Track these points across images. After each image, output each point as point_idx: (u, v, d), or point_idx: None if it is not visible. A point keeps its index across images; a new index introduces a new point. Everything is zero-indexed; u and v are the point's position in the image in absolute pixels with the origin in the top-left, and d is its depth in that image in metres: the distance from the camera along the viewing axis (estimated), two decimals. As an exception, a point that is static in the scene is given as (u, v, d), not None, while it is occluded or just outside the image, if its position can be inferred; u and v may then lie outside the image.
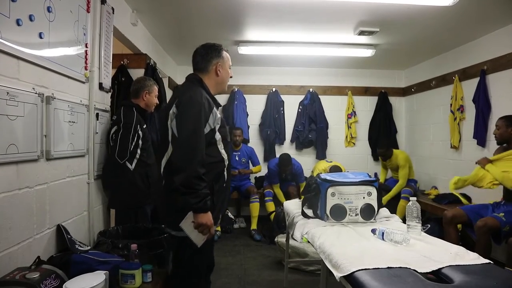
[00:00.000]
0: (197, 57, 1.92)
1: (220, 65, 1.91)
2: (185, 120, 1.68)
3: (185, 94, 1.75)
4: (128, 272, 1.76)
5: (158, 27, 3.73)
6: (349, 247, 1.66)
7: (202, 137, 1.69)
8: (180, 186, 1.60)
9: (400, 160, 4.50)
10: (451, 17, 3.30)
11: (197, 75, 1.89)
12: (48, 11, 1.82)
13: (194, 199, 1.61)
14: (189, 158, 1.63)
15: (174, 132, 1.71)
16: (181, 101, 1.73)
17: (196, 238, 1.70)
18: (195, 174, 1.62)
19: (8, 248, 1.56)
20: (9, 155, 1.55)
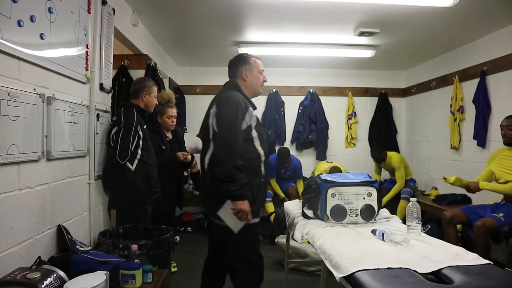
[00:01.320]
0: (230, 66, 2.20)
1: (247, 71, 2.14)
2: (223, 117, 1.90)
3: (223, 95, 1.99)
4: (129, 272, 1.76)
5: (159, 28, 3.74)
6: (349, 248, 1.67)
7: (240, 132, 1.89)
8: (221, 176, 1.81)
9: (394, 162, 4.50)
10: (451, 18, 3.30)
11: (233, 80, 2.15)
12: (49, 12, 1.82)
13: (234, 187, 1.81)
14: (229, 150, 1.83)
15: (214, 129, 1.90)
16: (219, 101, 1.96)
17: (234, 224, 1.87)
18: (234, 165, 1.82)
19: (9, 248, 1.56)
20: (10, 155, 1.55)
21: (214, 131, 1.90)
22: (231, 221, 1.87)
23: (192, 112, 5.47)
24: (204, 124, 2.07)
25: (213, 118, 1.93)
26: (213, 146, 1.91)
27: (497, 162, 3.03)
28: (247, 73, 2.14)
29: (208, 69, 5.52)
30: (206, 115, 2.03)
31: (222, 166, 1.82)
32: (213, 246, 2.22)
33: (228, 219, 1.87)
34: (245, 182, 1.84)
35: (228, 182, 1.81)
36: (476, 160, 3.94)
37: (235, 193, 1.82)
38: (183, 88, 5.37)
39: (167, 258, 2.34)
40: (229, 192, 1.82)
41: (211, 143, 1.93)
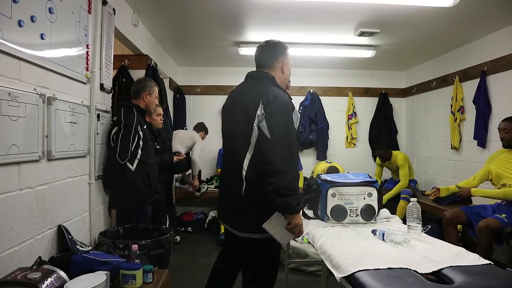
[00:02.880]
0: (263, 53, 1.88)
1: (286, 63, 1.89)
2: (278, 122, 1.66)
3: (269, 94, 1.70)
4: (129, 272, 1.76)
5: (159, 28, 3.74)
6: (350, 248, 1.67)
7: (296, 138, 1.74)
8: (281, 189, 1.60)
9: (399, 160, 4.49)
10: (451, 18, 3.30)
11: (267, 72, 1.84)
12: (50, 12, 1.82)
13: (295, 200, 1.63)
14: (289, 160, 1.63)
15: (264, 133, 1.66)
16: (268, 101, 1.68)
17: (283, 238, 1.74)
18: (295, 176, 1.67)
19: (10, 248, 1.56)
20: (11, 155, 1.55)
21: (264, 136, 1.65)
22: (279, 235, 1.72)
23: (192, 112, 5.48)
24: (237, 122, 1.79)
25: (262, 121, 1.67)
26: (260, 151, 1.67)
27: (497, 163, 3.03)
28: (284, 65, 1.88)
29: (208, 69, 5.52)
30: (243, 113, 1.75)
31: (281, 177, 1.59)
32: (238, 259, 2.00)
33: (275, 232, 1.72)
34: (301, 194, 1.72)
35: (288, 196, 1.61)
36: (477, 160, 3.94)
37: (296, 207, 1.64)
38: (183, 88, 5.38)
39: (168, 258, 2.34)
40: (289, 206, 1.62)
41: (252, 146, 1.71)
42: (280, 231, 1.71)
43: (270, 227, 1.70)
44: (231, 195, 1.83)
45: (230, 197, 1.85)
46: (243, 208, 1.78)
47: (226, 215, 1.92)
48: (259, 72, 1.87)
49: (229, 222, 1.89)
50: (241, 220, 1.80)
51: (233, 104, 1.88)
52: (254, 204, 1.73)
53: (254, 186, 1.71)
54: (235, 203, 1.81)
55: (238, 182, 1.74)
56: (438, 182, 4.76)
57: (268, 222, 1.70)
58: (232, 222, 1.86)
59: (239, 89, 1.92)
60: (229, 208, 1.87)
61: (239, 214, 1.80)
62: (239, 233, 1.81)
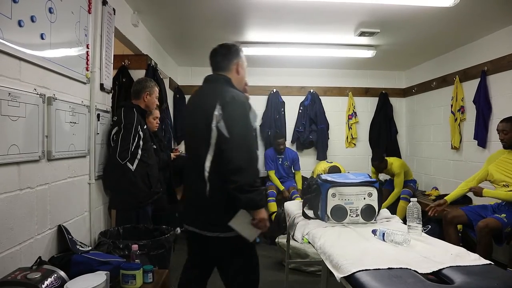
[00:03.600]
0: (218, 56, 1.92)
1: (240, 64, 1.92)
2: (236, 120, 1.71)
3: (226, 94, 1.75)
4: (129, 272, 1.76)
5: (159, 28, 3.74)
6: (350, 248, 1.67)
7: (254, 136, 1.76)
8: (244, 185, 1.64)
9: (395, 168, 4.47)
10: (451, 18, 3.30)
11: (223, 74, 1.89)
12: (50, 12, 1.82)
13: (258, 196, 1.68)
14: (249, 157, 1.69)
15: (223, 133, 1.69)
16: (225, 101, 1.72)
17: (250, 234, 1.77)
18: (257, 172, 1.71)
19: (10, 248, 1.56)
20: (11, 155, 1.55)
21: (223, 135, 1.69)
22: (247, 231, 1.75)
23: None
24: (196, 125, 1.83)
25: (220, 121, 1.70)
26: (220, 151, 1.70)
27: (497, 164, 3.03)
28: (239, 67, 1.92)
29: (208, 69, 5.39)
30: (202, 115, 1.78)
31: (243, 174, 1.64)
32: (207, 261, 1.97)
33: (243, 229, 1.74)
34: (264, 189, 1.74)
35: (251, 192, 1.65)
36: (477, 160, 3.94)
37: (259, 202, 1.70)
38: (184, 88, 5.38)
39: (168, 258, 2.34)
40: (252, 201, 1.67)
41: (212, 147, 1.73)
42: (246, 227, 1.74)
43: (236, 225, 1.73)
44: (196, 197, 1.85)
45: (195, 199, 1.86)
46: (209, 208, 1.79)
47: (193, 217, 1.89)
48: (215, 75, 1.92)
49: (196, 224, 1.86)
50: (208, 220, 1.80)
51: (193, 107, 1.94)
52: (219, 203, 1.75)
53: (217, 186, 1.73)
54: (201, 204, 1.81)
55: (202, 183, 1.76)
56: (438, 182, 4.76)
57: (234, 219, 1.72)
58: (199, 224, 1.84)
59: (198, 92, 1.97)
60: (195, 209, 1.87)
61: (206, 215, 1.81)
62: (209, 233, 1.80)
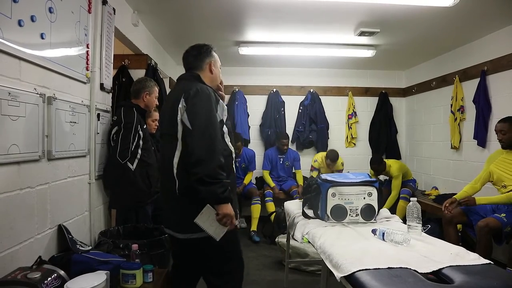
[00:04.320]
0: (189, 57, 1.92)
1: (213, 63, 1.92)
2: (198, 111, 1.67)
3: (191, 88, 1.72)
4: (129, 272, 1.76)
5: (159, 28, 3.74)
6: (350, 248, 1.67)
7: (218, 127, 1.71)
8: (204, 177, 1.58)
9: (393, 171, 4.49)
10: (451, 18, 3.30)
11: (194, 72, 1.89)
12: (50, 11, 1.82)
13: (220, 188, 1.61)
14: (211, 147, 1.62)
15: (187, 126, 1.66)
16: (189, 94, 1.70)
17: (216, 231, 1.67)
18: (219, 163, 1.63)
19: (10, 248, 1.56)
20: (11, 155, 1.55)
21: (187, 128, 1.66)
22: (212, 229, 1.66)
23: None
24: (165, 122, 1.81)
25: (183, 114, 1.68)
26: (186, 145, 1.66)
27: (497, 164, 3.03)
28: (212, 66, 1.91)
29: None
30: (169, 111, 1.76)
31: (204, 165, 1.58)
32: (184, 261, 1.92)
33: (208, 227, 1.65)
34: (228, 183, 1.66)
35: (212, 184, 1.59)
36: (477, 160, 3.94)
37: (221, 195, 1.61)
38: (184, 88, 5.37)
39: (168, 258, 2.34)
40: (213, 195, 1.60)
41: (180, 142, 1.70)
42: (213, 224, 1.65)
43: (202, 222, 1.64)
44: (167, 197, 1.80)
45: (167, 199, 1.81)
46: (179, 207, 1.74)
47: (167, 219, 1.86)
48: (187, 74, 1.92)
49: (170, 225, 1.83)
50: (179, 220, 1.76)
51: (164, 107, 1.95)
52: (189, 201, 1.68)
53: (186, 182, 1.67)
54: (172, 203, 1.77)
55: (172, 181, 1.71)
56: (438, 181, 4.76)
57: (200, 216, 1.64)
58: (172, 225, 1.80)
59: (170, 92, 1.99)
60: (168, 210, 1.83)
61: (177, 214, 1.76)
62: (181, 234, 1.75)
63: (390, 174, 4.55)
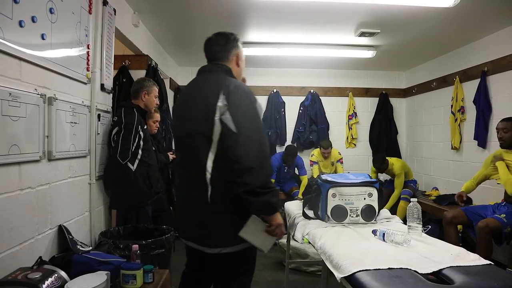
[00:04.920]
0: (215, 46, 1.69)
1: (239, 56, 1.72)
2: (245, 113, 1.48)
3: (227, 83, 1.52)
4: (129, 272, 1.76)
5: (160, 28, 3.74)
6: (350, 248, 1.67)
7: (264, 131, 1.56)
8: (256, 188, 1.42)
9: (396, 169, 4.49)
10: (451, 19, 3.30)
11: (224, 64, 1.66)
12: (51, 12, 1.83)
13: (273, 198, 1.46)
14: (262, 155, 1.46)
15: (229, 128, 1.45)
16: (229, 91, 1.49)
17: (264, 243, 1.55)
18: (270, 172, 1.53)
19: (10, 248, 1.56)
20: (11, 155, 1.55)
21: (229, 130, 1.45)
22: (259, 240, 1.52)
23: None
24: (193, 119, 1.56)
25: (225, 113, 1.46)
26: (223, 148, 1.46)
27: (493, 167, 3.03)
28: (239, 59, 1.72)
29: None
30: (201, 108, 1.52)
31: (256, 175, 1.41)
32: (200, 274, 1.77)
33: (256, 239, 1.51)
34: (277, 191, 1.52)
35: (264, 194, 1.43)
36: (477, 160, 3.93)
37: (274, 205, 1.47)
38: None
39: (168, 258, 2.34)
40: (268, 205, 1.46)
41: (215, 144, 1.48)
42: (260, 236, 1.52)
43: (248, 234, 1.49)
44: (193, 206, 1.58)
45: (193, 208, 1.58)
46: (210, 218, 1.53)
47: (189, 231, 1.63)
48: (214, 65, 1.67)
49: (194, 238, 1.61)
50: (209, 233, 1.54)
51: (187, 102, 1.65)
52: (223, 211, 1.51)
53: (222, 189, 1.49)
54: (200, 213, 1.55)
55: (202, 188, 1.50)
56: (438, 182, 4.76)
57: (245, 228, 1.49)
58: (198, 238, 1.58)
59: (191, 85, 1.69)
60: (192, 221, 1.59)
61: (207, 227, 1.54)
62: (208, 249, 1.54)
63: (392, 172, 4.54)
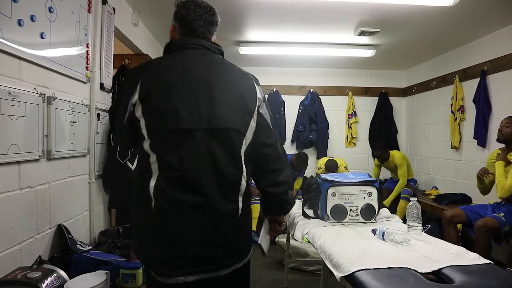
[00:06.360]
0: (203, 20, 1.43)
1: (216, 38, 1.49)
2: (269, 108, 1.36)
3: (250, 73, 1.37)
4: (129, 272, 1.77)
5: (159, 28, 3.74)
6: (350, 247, 1.67)
7: None
8: (290, 187, 1.38)
9: (397, 159, 4.52)
10: (451, 18, 3.30)
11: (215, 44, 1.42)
12: (50, 11, 1.82)
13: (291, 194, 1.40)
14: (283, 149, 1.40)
15: (268, 123, 1.31)
16: (256, 80, 1.35)
17: (267, 244, 1.47)
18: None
19: (10, 248, 1.56)
20: (11, 155, 1.55)
21: (268, 127, 1.31)
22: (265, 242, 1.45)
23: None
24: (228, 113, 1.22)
25: (262, 106, 1.31)
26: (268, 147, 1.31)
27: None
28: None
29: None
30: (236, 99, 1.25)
31: (289, 172, 1.37)
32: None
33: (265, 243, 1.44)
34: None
35: (289, 191, 1.38)
36: (477, 160, 3.94)
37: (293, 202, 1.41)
38: (184, 88, 5.37)
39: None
40: (292, 203, 1.41)
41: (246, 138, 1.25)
42: (266, 238, 1.45)
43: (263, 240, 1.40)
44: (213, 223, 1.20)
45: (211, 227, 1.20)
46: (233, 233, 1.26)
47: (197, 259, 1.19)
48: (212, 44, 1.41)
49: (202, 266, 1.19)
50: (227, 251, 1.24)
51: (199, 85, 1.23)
52: (247, 221, 1.35)
53: (249, 197, 1.32)
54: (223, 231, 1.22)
55: (230, 195, 1.23)
56: (438, 181, 4.76)
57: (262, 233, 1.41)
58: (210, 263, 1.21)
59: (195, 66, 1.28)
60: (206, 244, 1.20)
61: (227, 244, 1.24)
62: (225, 270, 1.24)
63: (394, 163, 4.56)
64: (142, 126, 1.19)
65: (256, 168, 1.32)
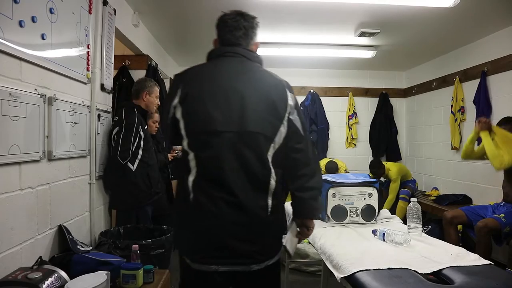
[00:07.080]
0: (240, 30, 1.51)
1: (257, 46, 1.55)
2: (303, 113, 1.43)
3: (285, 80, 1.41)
4: (130, 272, 1.76)
5: (160, 28, 3.74)
6: (350, 248, 1.67)
7: None
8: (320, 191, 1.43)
9: (392, 174, 4.49)
10: (452, 19, 3.30)
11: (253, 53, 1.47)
12: (51, 12, 1.83)
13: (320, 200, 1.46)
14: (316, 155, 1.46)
15: (298, 129, 1.35)
16: (291, 89, 1.40)
17: (293, 246, 1.49)
18: None
19: (10, 248, 1.56)
20: (11, 155, 1.55)
21: (299, 133, 1.35)
22: (293, 246, 1.48)
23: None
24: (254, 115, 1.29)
25: (293, 113, 1.35)
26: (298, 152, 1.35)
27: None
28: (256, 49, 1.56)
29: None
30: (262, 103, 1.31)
31: (320, 178, 1.42)
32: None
33: (291, 244, 1.46)
34: None
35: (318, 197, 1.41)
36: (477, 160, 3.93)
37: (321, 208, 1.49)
38: (184, 89, 5.37)
39: (168, 258, 2.34)
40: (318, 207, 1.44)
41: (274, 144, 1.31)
42: (293, 241, 1.47)
43: (288, 241, 1.44)
44: (246, 215, 1.28)
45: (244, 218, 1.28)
46: (266, 230, 1.34)
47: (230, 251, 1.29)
48: (249, 52, 1.44)
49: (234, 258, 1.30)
50: (259, 247, 1.32)
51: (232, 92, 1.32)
52: (279, 219, 1.41)
53: (280, 196, 1.37)
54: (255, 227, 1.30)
55: (258, 194, 1.31)
56: (438, 182, 4.76)
57: (288, 235, 1.44)
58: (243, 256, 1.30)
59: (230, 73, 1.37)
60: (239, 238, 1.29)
61: (259, 240, 1.32)
62: (257, 265, 1.32)
63: (389, 177, 4.56)
64: (181, 126, 1.33)
65: (287, 172, 1.39)
